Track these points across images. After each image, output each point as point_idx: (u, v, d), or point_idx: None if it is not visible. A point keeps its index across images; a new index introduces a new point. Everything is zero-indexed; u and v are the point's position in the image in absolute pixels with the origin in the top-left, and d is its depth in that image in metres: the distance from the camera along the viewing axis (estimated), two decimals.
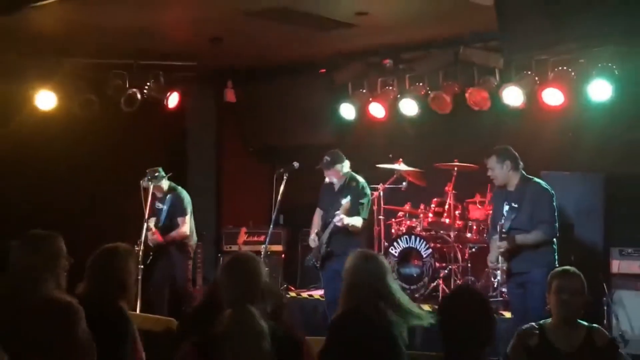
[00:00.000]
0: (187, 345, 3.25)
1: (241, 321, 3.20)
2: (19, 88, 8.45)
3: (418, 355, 4.54)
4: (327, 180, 7.54)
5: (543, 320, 4.11)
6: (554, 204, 6.17)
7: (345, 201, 7.06)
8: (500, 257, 6.13)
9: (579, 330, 4.00)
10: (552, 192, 6.22)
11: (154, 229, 7.96)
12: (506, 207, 6.22)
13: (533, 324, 4.11)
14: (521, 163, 6.29)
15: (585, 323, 4.06)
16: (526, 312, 5.87)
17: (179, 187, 8.33)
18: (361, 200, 7.27)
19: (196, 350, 3.23)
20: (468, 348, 3.32)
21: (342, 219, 7.06)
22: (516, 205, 6.15)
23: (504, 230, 6.06)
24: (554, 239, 6.18)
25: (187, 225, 8.15)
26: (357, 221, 7.20)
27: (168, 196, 8.20)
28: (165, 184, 8.19)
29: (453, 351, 3.36)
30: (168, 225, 8.12)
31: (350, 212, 7.11)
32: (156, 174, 8.05)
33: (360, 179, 7.43)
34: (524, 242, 6.04)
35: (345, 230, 7.19)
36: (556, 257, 6.23)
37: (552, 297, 4.04)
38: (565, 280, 4.02)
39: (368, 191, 7.47)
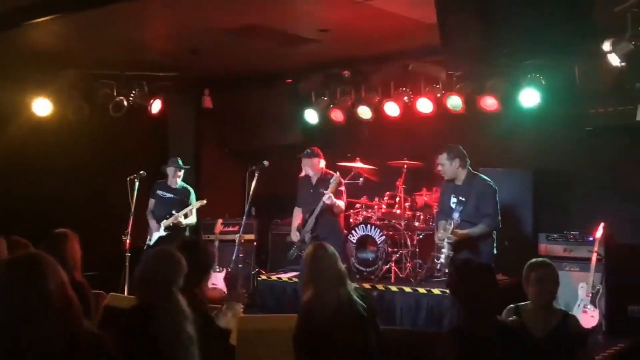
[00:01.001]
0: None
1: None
2: (17, 96, 8.36)
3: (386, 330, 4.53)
4: (302, 174, 7.53)
5: (522, 304, 4.01)
6: (497, 198, 6.18)
7: (334, 179, 7.07)
8: (447, 245, 6.16)
9: (555, 316, 3.91)
10: (496, 187, 6.23)
11: (182, 214, 8.00)
12: (453, 200, 6.21)
13: (512, 306, 4.01)
14: (468, 160, 6.30)
15: (562, 309, 3.99)
16: None
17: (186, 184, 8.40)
18: (340, 188, 7.31)
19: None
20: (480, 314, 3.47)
21: (330, 196, 7.05)
22: (463, 199, 6.14)
23: (454, 222, 6.04)
24: (495, 231, 6.22)
25: (194, 216, 8.24)
26: (341, 203, 7.25)
27: (181, 189, 8.25)
28: (179, 180, 8.25)
29: (468, 316, 3.53)
30: (169, 212, 8.10)
31: (334, 196, 7.13)
32: (177, 161, 8.20)
33: (334, 173, 7.47)
34: (472, 234, 6.08)
35: (328, 213, 7.19)
36: (495, 245, 6.29)
37: (531, 286, 3.92)
38: (542, 271, 3.92)
39: (343, 181, 7.51)
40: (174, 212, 8.05)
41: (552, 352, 3.72)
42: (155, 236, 8.09)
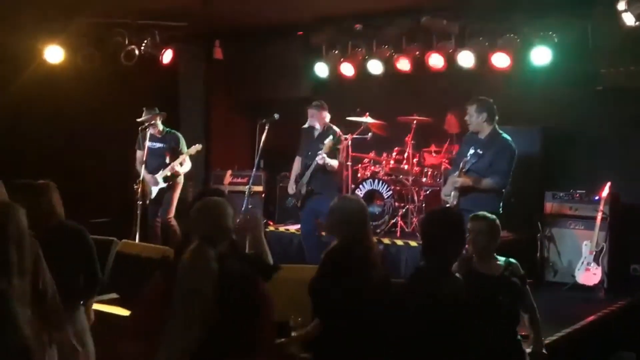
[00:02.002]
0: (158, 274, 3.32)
1: (197, 261, 3.26)
2: (29, 43, 8.36)
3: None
4: (306, 125, 7.55)
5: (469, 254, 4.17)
6: (513, 160, 6.06)
7: (328, 140, 7.11)
8: (453, 192, 6.08)
9: (498, 263, 4.09)
10: (515, 149, 6.09)
11: (177, 163, 7.96)
12: (471, 151, 6.11)
13: (464, 254, 4.13)
14: (497, 117, 6.16)
15: (503, 258, 4.13)
16: None
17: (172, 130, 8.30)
18: (338, 146, 7.34)
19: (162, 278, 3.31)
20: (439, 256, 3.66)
21: (323, 157, 7.12)
22: (481, 152, 6.05)
23: (464, 169, 6.01)
24: (503, 190, 6.17)
25: (189, 163, 8.17)
26: (334, 162, 7.29)
27: (168, 136, 8.16)
28: (160, 124, 8.13)
29: (429, 259, 3.70)
30: (162, 162, 8.06)
31: (329, 155, 7.18)
32: (155, 109, 8.06)
33: (337, 128, 7.49)
34: (477, 184, 5.98)
35: (324, 170, 7.25)
36: (501, 204, 6.27)
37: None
38: (473, 223, 4.10)
39: (342, 139, 7.54)
40: (167, 161, 8.03)
41: (507, 289, 3.99)
42: (155, 190, 8.06)
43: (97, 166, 8.90)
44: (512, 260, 4.15)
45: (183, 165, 8.12)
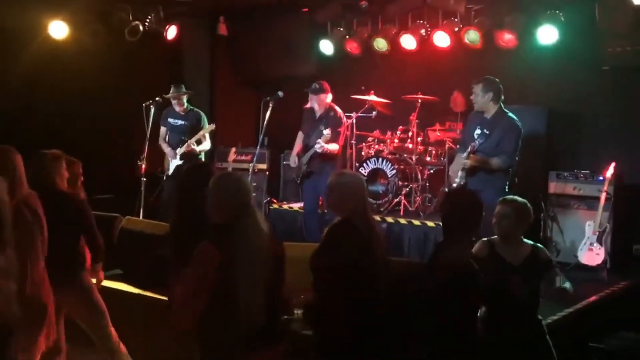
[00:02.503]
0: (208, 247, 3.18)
1: (254, 231, 3.27)
2: (34, 18, 8.33)
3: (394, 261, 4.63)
4: (308, 105, 7.53)
5: (493, 237, 4.16)
6: (519, 139, 6.07)
7: (327, 132, 7.10)
8: (460, 172, 6.10)
9: (524, 248, 4.09)
10: (521, 128, 6.10)
11: (193, 141, 7.88)
12: (477, 131, 6.12)
13: (484, 239, 4.16)
14: (502, 97, 6.14)
15: (530, 242, 4.13)
16: None
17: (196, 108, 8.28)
18: (338, 129, 7.33)
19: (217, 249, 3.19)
20: (460, 233, 3.70)
21: (322, 146, 7.12)
22: (487, 132, 6.06)
23: (474, 145, 6.02)
24: (510, 169, 6.19)
25: (209, 142, 8.16)
26: (334, 147, 7.28)
27: (190, 114, 8.13)
28: (185, 102, 8.11)
29: (449, 235, 3.73)
30: (183, 139, 8.01)
31: (329, 141, 7.17)
32: (182, 88, 8.03)
33: (338, 109, 7.46)
34: (484, 165, 6.00)
35: (324, 154, 7.26)
36: (507, 183, 6.28)
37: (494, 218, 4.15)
38: (500, 207, 4.12)
39: (344, 120, 7.52)
40: (184, 138, 8.01)
41: (526, 277, 3.98)
42: (172, 165, 8.07)
43: (102, 142, 8.91)
44: (538, 245, 4.14)
45: (203, 144, 8.08)
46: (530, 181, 7.42)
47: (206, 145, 8.14)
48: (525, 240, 4.13)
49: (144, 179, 7.92)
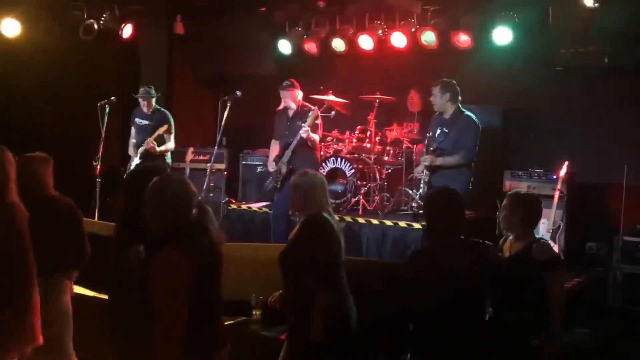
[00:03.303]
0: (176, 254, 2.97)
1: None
2: None
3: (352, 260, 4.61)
4: (281, 106, 7.49)
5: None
6: (477, 136, 6.33)
7: (311, 113, 7.07)
8: (424, 171, 6.32)
9: (524, 241, 4.01)
10: (479, 125, 6.37)
11: (151, 140, 7.77)
12: (438, 131, 6.38)
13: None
14: (460, 98, 6.40)
15: (537, 237, 4.11)
16: None
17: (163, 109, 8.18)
18: (317, 122, 7.31)
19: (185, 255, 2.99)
20: (445, 235, 3.65)
21: (307, 130, 7.06)
22: (447, 131, 6.32)
23: (431, 147, 6.24)
24: (472, 164, 6.37)
25: (173, 143, 8.05)
26: (316, 137, 7.27)
27: (155, 114, 8.03)
28: (153, 102, 8.03)
29: (434, 237, 3.71)
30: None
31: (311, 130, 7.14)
32: (151, 90, 7.95)
33: (312, 106, 7.44)
34: (444, 162, 6.24)
35: (305, 147, 7.20)
36: (471, 178, 6.42)
37: None
38: (505, 200, 4.13)
39: (319, 115, 7.50)
40: (146, 138, 7.91)
41: (513, 273, 3.87)
42: (133, 164, 7.95)
43: (57, 142, 8.69)
44: (541, 241, 4.07)
45: (166, 144, 7.96)
46: (486, 180, 7.50)
47: (170, 145, 8.04)
48: (534, 235, 4.10)
49: (99, 180, 7.80)
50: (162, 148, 7.95)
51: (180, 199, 3.13)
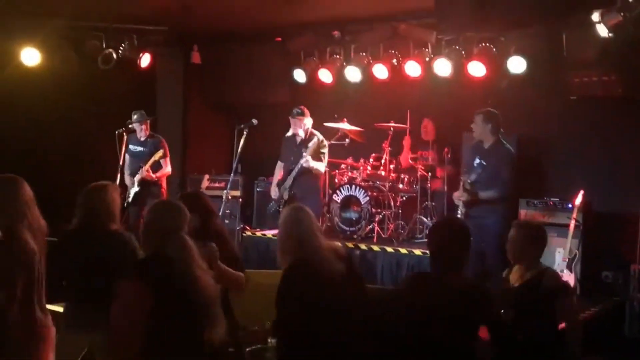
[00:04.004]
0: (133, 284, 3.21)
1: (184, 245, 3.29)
2: (5, 45, 8.22)
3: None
4: (289, 133, 7.56)
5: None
6: (513, 168, 6.36)
7: (312, 142, 7.11)
8: (461, 206, 6.32)
9: (532, 270, 4.03)
10: (516, 160, 6.42)
11: (147, 167, 7.82)
12: (477, 161, 6.39)
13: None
14: (501, 130, 6.40)
15: (545, 266, 4.10)
16: (480, 253, 6.00)
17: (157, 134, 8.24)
18: (322, 150, 7.35)
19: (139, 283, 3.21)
20: (449, 268, 3.52)
21: (307, 159, 7.11)
22: (485, 163, 6.31)
23: (469, 180, 6.23)
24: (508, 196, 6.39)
25: (169, 167, 8.10)
26: (320, 166, 7.31)
27: (150, 140, 8.08)
28: (147, 128, 8.07)
29: (438, 270, 3.57)
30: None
31: (313, 158, 7.18)
32: (143, 114, 8.00)
33: (319, 134, 7.51)
34: (481, 196, 6.24)
35: (308, 174, 7.25)
36: (507, 210, 6.43)
37: None
38: (510, 232, 4.15)
39: (326, 144, 7.55)
40: (142, 165, 7.93)
41: (522, 301, 3.89)
42: (131, 192, 8.00)
43: (74, 169, 8.79)
44: (550, 270, 4.07)
45: (163, 169, 8.02)
46: None
47: (167, 169, 8.09)
48: (542, 263, 4.08)
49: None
50: (159, 174, 8.00)
51: (159, 222, 3.42)
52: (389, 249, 7.50)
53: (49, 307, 4.13)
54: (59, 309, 4.98)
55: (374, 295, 4.60)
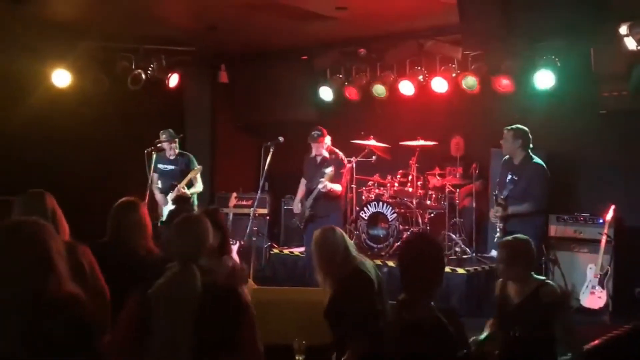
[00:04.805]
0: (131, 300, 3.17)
1: (184, 278, 3.14)
2: (37, 66, 8.39)
3: None
4: (312, 154, 7.59)
5: None
6: (546, 182, 6.30)
7: (329, 170, 7.14)
8: (497, 222, 6.33)
9: (529, 286, 4.00)
10: (548, 173, 6.34)
11: (183, 184, 7.87)
12: (509, 177, 6.39)
13: (500, 280, 4.18)
14: (531, 145, 6.39)
15: (540, 279, 4.08)
16: None
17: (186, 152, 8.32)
18: (341, 170, 7.37)
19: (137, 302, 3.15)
20: (421, 288, 3.14)
21: (325, 185, 7.15)
22: (516, 178, 6.31)
23: (502, 196, 6.23)
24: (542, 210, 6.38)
25: (201, 184, 8.14)
26: (337, 187, 7.30)
27: (180, 158, 8.14)
28: (176, 147, 8.12)
29: (409, 291, 3.16)
30: (174, 184, 7.99)
31: (332, 180, 7.20)
32: (171, 133, 8.04)
33: (340, 152, 7.52)
34: (514, 211, 6.22)
35: (327, 195, 7.27)
36: (543, 221, 6.47)
37: None
38: (498, 252, 4.14)
39: (346, 162, 7.57)
40: (175, 183, 7.97)
41: (525, 317, 3.88)
42: (165, 211, 8.04)
43: (103, 188, 8.89)
44: (547, 283, 4.05)
45: (195, 186, 8.07)
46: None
47: (198, 187, 8.12)
48: (535, 277, 4.05)
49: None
50: (192, 190, 8.04)
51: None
52: None
53: None
54: None
55: None
